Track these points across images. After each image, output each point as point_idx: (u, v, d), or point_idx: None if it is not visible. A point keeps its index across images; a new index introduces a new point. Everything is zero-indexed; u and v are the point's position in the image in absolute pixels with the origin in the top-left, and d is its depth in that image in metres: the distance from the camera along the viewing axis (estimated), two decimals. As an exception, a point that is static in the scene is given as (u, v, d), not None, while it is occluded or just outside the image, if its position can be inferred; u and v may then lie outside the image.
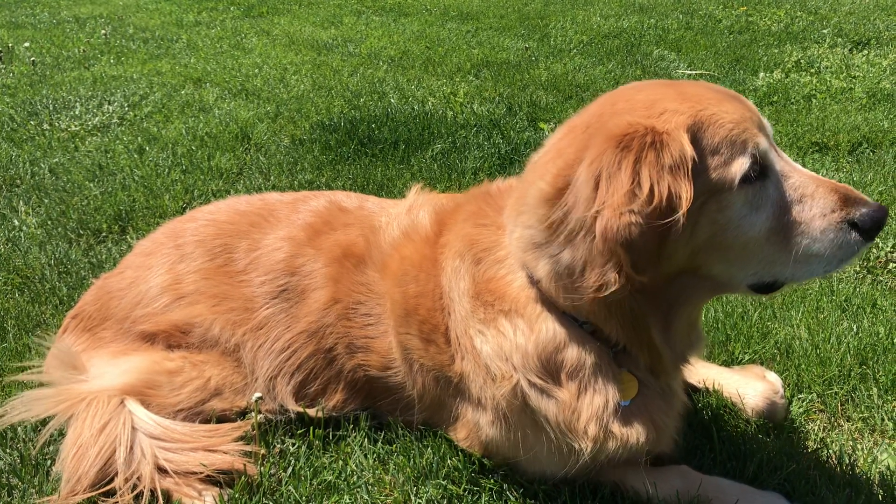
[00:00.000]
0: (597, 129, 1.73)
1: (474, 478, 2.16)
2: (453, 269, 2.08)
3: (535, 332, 1.90)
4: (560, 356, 1.89)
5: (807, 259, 1.71)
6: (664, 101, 1.71)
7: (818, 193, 1.72)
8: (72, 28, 9.38)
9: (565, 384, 1.89)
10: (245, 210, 2.54)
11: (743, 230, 1.69)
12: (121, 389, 2.22)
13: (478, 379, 2.02)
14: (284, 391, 2.31)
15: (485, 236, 2.05)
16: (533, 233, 1.83)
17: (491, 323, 1.97)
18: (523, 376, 1.91)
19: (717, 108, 1.69)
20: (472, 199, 2.22)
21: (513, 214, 1.94)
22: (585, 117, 1.84)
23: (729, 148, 1.66)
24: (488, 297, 1.99)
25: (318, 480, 2.17)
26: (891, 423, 2.37)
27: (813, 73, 6.33)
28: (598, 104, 1.86)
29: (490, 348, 1.97)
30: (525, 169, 2.00)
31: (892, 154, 4.51)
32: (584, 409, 1.88)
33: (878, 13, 8.51)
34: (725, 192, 1.66)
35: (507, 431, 2.03)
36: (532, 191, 1.83)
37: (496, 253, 2.02)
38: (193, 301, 2.34)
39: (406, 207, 2.39)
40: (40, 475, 2.18)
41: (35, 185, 4.30)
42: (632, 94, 1.81)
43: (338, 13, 9.92)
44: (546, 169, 1.81)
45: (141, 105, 5.86)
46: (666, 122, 1.65)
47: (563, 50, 7.35)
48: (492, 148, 4.53)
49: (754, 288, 1.79)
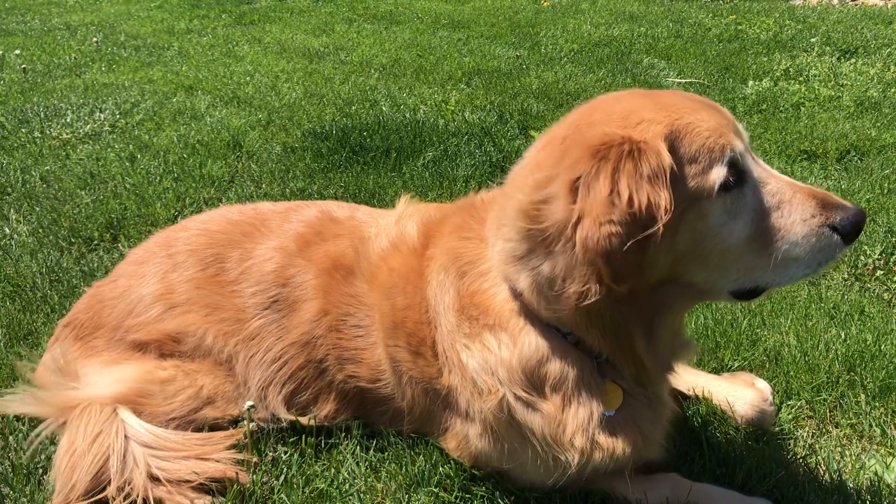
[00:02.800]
0: (574, 141, 1.73)
1: (466, 485, 2.17)
2: (438, 282, 2.08)
3: (519, 345, 1.90)
4: (543, 369, 1.89)
5: (786, 263, 1.73)
6: (641, 111, 1.71)
7: (796, 199, 1.74)
8: (63, 35, 9.37)
9: (550, 397, 1.90)
10: (237, 219, 2.55)
11: (722, 237, 1.69)
12: (113, 398, 2.22)
13: (465, 392, 2.03)
14: (276, 400, 2.31)
15: (469, 249, 2.05)
16: (513, 245, 1.83)
17: (476, 337, 1.98)
18: (509, 390, 1.92)
19: (694, 116, 1.70)
20: (457, 211, 2.23)
21: (494, 227, 1.94)
22: (563, 128, 1.84)
23: (707, 156, 1.67)
24: (473, 311, 1.99)
25: (311, 488, 2.18)
26: (878, 429, 2.39)
27: (801, 81, 6.38)
28: (576, 115, 1.86)
29: (476, 363, 1.97)
30: (506, 180, 1.99)
31: (880, 162, 4.56)
32: (569, 422, 1.88)
33: (866, 22, 8.58)
34: (704, 200, 1.67)
35: (495, 443, 2.04)
36: (511, 203, 1.82)
37: (479, 266, 2.02)
38: (185, 311, 2.35)
39: (395, 218, 2.39)
40: (32, 484, 2.18)
41: (26, 193, 4.30)
42: (609, 104, 1.81)
43: (329, 21, 9.94)
44: (525, 181, 1.81)
45: (132, 113, 5.86)
46: (643, 132, 1.65)
47: (553, 58, 7.39)
48: (483, 156, 4.55)
49: (736, 294, 1.80)
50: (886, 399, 2.50)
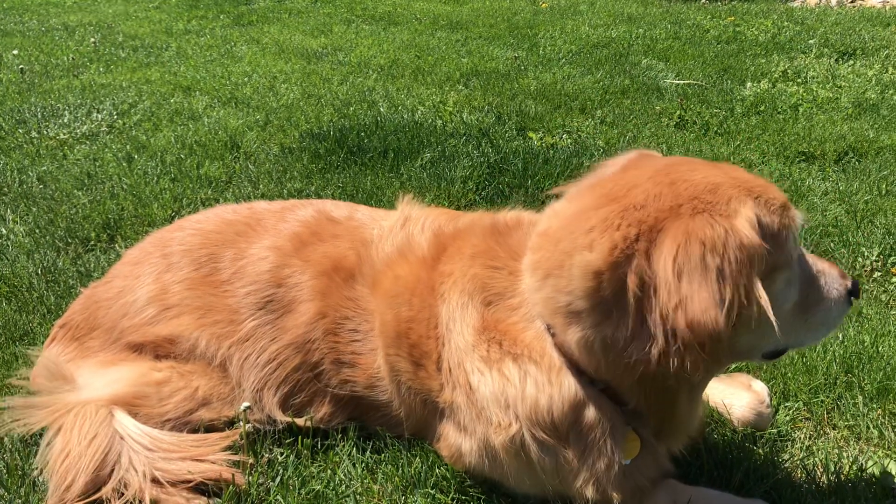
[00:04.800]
0: (663, 214, 1.67)
1: (463, 487, 2.17)
2: (459, 303, 2.02)
3: (555, 386, 1.85)
4: (577, 416, 1.86)
5: (815, 327, 1.89)
6: (725, 188, 1.70)
7: (827, 268, 1.90)
8: (61, 36, 9.35)
9: (573, 444, 1.88)
10: (232, 219, 2.53)
11: (779, 305, 1.73)
12: (109, 400, 2.21)
13: (469, 413, 2.00)
14: (271, 402, 2.30)
15: (497, 280, 1.99)
16: (570, 300, 1.74)
17: (494, 364, 1.92)
18: (528, 429, 1.87)
19: (767, 194, 1.73)
20: (477, 233, 2.15)
21: (538, 272, 1.85)
22: (638, 195, 1.73)
23: (782, 231, 1.72)
24: (496, 335, 1.94)
25: (307, 490, 2.17)
26: (876, 431, 2.39)
27: (799, 82, 6.39)
28: (650, 178, 1.76)
29: (489, 391, 1.91)
30: (546, 221, 1.91)
31: (878, 164, 4.56)
32: (584, 471, 1.88)
33: (864, 24, 8.59)
34: (778, 272, 1.73)
35: (491, 463, 2.02)
36: (577, 260, 1.71)
37: (509, 300, 1.96)
38: (179, 312, 2.34)
39: (400, 221, 2.37)
40: (27, 486, 2.17)
41: (23, 194, 4.29)
42: (686, 173, 1.76)
43: (327, 22, 9.93)
44: (594, 239, 1.70)
45: (130, 113, 5.85)
46: (735, 213, 1.65)
47: (552, 59, 7.39)
48: (481, 157, 4.55)
49: (766, 356, 1.88)
50: (884, 401, 2.50)
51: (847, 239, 3.58)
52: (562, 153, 4.62)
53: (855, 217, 3.83)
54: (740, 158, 4.67)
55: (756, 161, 4.65)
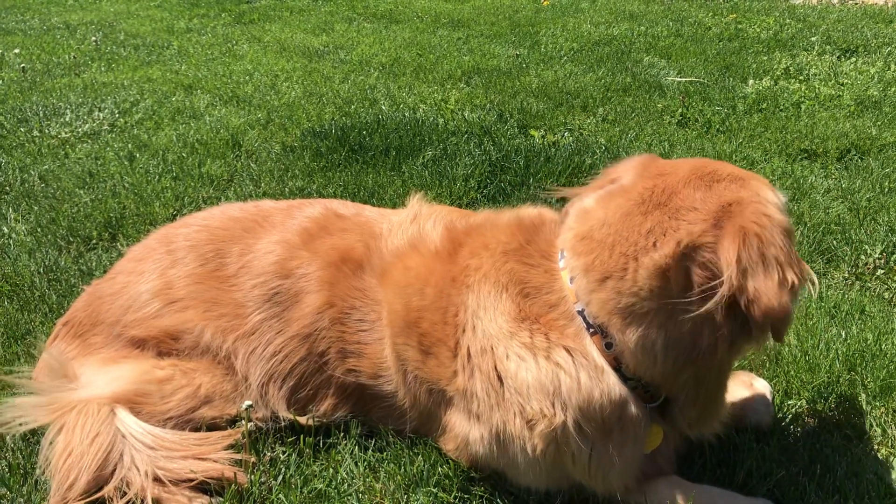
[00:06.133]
0: (717, 213, 1.80)
1: (465, 486, 2.16)
2: (491, 293, 2.03)
3: (604, 382, 1.89)
4: (622, 412, 1.91)
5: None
6: (748, 181, 1.89)
7: None
8: (62, 34, 9.35)
9: (615, 439, 1.93)
10: (239, 216, 2.54)
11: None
12: (111, 398, 2.21)
13: (486, 399, 1.99)
14: (276, 397, 2.30)
15: (533, 276, 2.01)
16: (635, 301, 1.81)
17: (542, 352, 1.92)
18: (576, 420, 1.89)
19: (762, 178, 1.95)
20: (503, 229, 2.17)
21: (594, 275, 1.87)
22: (685, 198, 1.85)
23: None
24: (540, 326, 1.96)
25: (309, 488, 2.17)
26: (879, 429, 2.39)
27: (802, 80, 6.37)
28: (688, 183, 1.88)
29: (532, 377, 1.91)
30: (585, 222, 1.96)
31: (880, 161, 4.54)
32: (617, 462, 1.93)
33: (866, 21, 8.57)
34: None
35: (501, 451, 2.02)
36: (643, 261, 1.80)
37: (546, 296, 1.98)
38: (184, 306, 2.34)
39: (411, 216, 2.38)
40: (29, 485, 2.17)
41: (25, 192, 4.29)
42: (716, 173, 1.90)
43: (329, 20, 9.93)
44: (656, 240, 1.81)
45: (131, 112, 5.85)
46: (769, 205, 1.83)
47: (553, 57, 7.38)
48: (483, 155, 4.54)
49: None
50: (887, 399, 2.49)
51: (850, 237, 3.57)
52: (563, 151, 4.61)
53: (857, 215, 3.82)
54: (742, 156, 4.66)
55: (758, 159, 4.64)
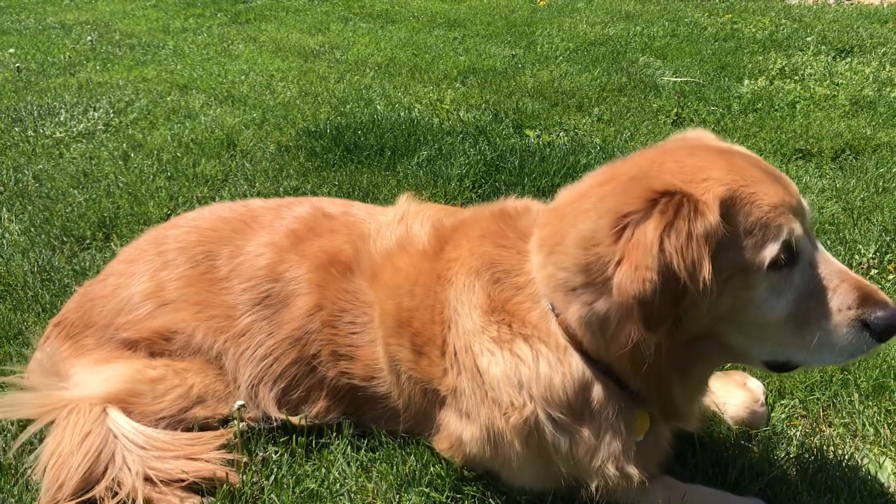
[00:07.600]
0: (637, 181, 1.72)
1: (457, 485, 2.16)
2: (466, 284, 2.04)
3: (565, 365, 1.88)
4: (587, 395, 1.89)
5: (819, 348, 1.74)
6: (711, 169, 1.71)
7: (840, 288, 1.74)
8: (57, 34, 9.33)
9: (588, 422, 1.89)
10: (228, 216, 2.53)
11: (762, 312, 1.71)
12: (103, 398, 2.21)
13: (473, 397, 1.99)
14: (267, 398, 2.30)
15: (505, 258, 2.02)
16: (567, 276, 1.80)
17: (506, 344, 1.93)
18: (543, 408, 1.89)
19: (759, 187, 1.70)
20: (486, 216, 2.18)
21: (544, 249, 1.90)
22: (631, 167, 1.82)
23: (762, 230, 1.67)
24: (505, 316, 1.95)
25: (301, 488, 2.16)
26: (872, 428, 2.39)
27: (797, 80, 6.38)
28: (649, 158, 1.83)
29: (500, 372, 1.92)
30: (556, 201, 1.97)
31: (875, 161, 4.55)
32: (602, 448, 1.89)
33: (862, 21, 8.58)
34: (752, 273, 1.68)
35: (493, 449, 2.01)
36: (572, 233, 1.79)
37: (516, 277, 1.98)
38: (176, 308, 2.33)
39: (398, 216, 2.37)
40: (20, 485, 2.16)
41: (19, 192, 4.28)
42: (684, 156, 1.80)
43: (325, 20, 9.92)
44: (587, 213, 1.78)
45: (126, 111, 5.84)
46: (704, 191, 1.65)
47: (549, 57, 7.38)
48: (478, 155, 4.54)
49: (768, 365, 1.83)
50: (880, 398, 2.50)
51: (844, 236, 3.57)
52: (558, 151, 4.61)
53: (852, 214, 3.83)
54: (737, 156, 4.66)
55: (753, 158, 4.64)
